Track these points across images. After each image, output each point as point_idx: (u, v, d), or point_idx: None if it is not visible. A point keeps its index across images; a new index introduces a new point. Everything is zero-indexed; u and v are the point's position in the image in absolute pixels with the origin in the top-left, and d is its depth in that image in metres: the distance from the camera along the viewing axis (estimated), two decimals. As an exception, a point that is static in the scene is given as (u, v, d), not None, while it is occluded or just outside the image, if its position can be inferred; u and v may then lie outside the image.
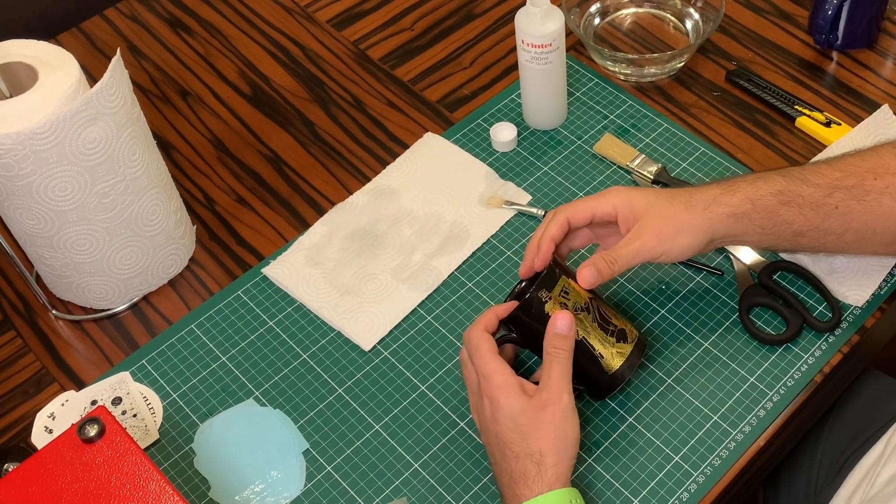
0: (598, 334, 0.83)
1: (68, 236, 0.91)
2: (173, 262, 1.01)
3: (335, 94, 1.18)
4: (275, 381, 0.93)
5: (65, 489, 0.71)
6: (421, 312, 0.97)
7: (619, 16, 1.21)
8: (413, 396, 0.91)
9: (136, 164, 0.91)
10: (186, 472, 0.88)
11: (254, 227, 1.06)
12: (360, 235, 1.03)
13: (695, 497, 0.83)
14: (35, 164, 0.84)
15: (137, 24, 1.28)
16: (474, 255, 1.01)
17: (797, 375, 0.89)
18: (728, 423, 0.87)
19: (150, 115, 1.14)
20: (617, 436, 0.87)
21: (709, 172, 1.05)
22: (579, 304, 0.83)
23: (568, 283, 0.84)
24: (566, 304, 0.83)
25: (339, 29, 1.25)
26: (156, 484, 0.72)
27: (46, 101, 0.84)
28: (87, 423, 0.73)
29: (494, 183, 1.06)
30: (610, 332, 0.84)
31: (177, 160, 1.13)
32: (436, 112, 1.14)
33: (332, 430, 0.90)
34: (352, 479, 0.87)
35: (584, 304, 0.84)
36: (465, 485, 0.86)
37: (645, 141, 1.08)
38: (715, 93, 1.12)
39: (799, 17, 1.19)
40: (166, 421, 0.92)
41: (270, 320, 0.98)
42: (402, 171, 1.08)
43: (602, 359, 0.83)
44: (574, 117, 1.11)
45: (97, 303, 0.99)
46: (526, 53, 1.03)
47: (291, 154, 1.12)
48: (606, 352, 0.83)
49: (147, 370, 0.95)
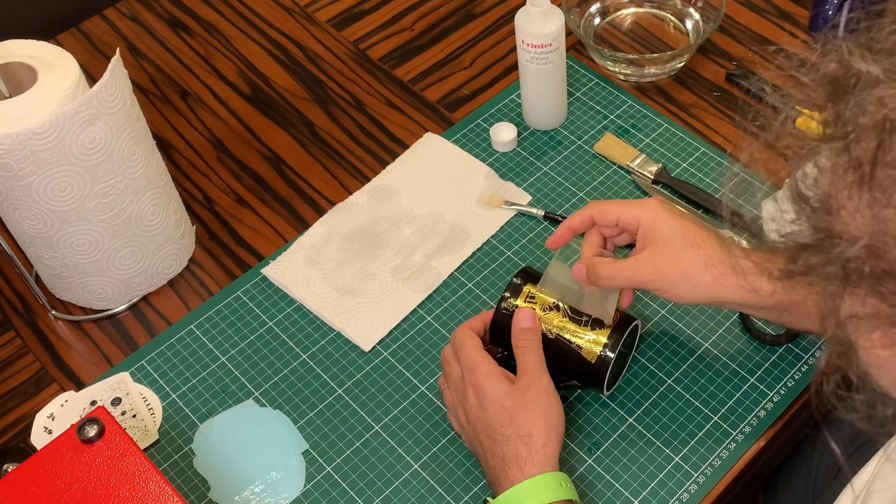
0: (572, 328, 0.85)
1: (68, 236, 0.91)
2: (173, 262, 1.01)
3: (335, 94, 1.17)
4: (274, 382, 0.93)
5: (64, 490, 0.71)
6: (421, 313, 0.97)
7: (619, 16, 1.21)
8: (413, 397, 0.91)
9: (136, 164, 0.91)
10: (186, 473, 0.88)
11: (253, 228, 1.06)
12: (359, 235, 1.03)
13: (695, 498, 0.83)
14: (34, 165, 0.84)
15: (137, 24, 1.28)
16: (474, 255, 1.01)
17: (797, 376, 0.89)
18: (728, 424, 0.87)
19: (149, 115, 1.14)
20: (617, 436, 0.87)
21: (709, 172, 1.04)
22: (547, 304, 0.86)
23: (532, 289, 0.87)
24: (533, 308, 0.86)
25: (338, 29, 1.25)
26: (155, 484, 0.72)
27: (46, 101, 0.84)
28: (86, 424, 0.73)
29: (494, 183, 1.06)
30: (584, 323, 0.85)
31: (176, 160, 1.13)
32: (436, 112, 1.14)
33: (332, 431, 0.90)
34: (351, 479, 0.87)
35: (553, 304, 0.86)
36: (465, 485, 0.85)
37: (645, 141, 1.08)
38: (715, 93, 1.12)
39: (799, 17, 1.19)
40: (166, 421, 0.92)
41: (270, 321, 0.97)
42: (402, 172, 1.08)
43: (581, 349, 0.85)
44: (574, 117, 1.11)
45: (97, 303, 0.99)
46: (526, 53, 1.03)
47: (291, 154, 1.12)
48: (583, 342, 0.84)
49: (147, 370, 0.95)
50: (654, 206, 0.82)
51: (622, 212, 0.83)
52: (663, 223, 0.81)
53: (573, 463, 0.86)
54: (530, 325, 0.84)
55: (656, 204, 0.82)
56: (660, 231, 0.81)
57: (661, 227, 0.81)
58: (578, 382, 0.87)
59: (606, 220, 0.84)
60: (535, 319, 0.85)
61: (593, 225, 0.86)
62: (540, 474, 0.77)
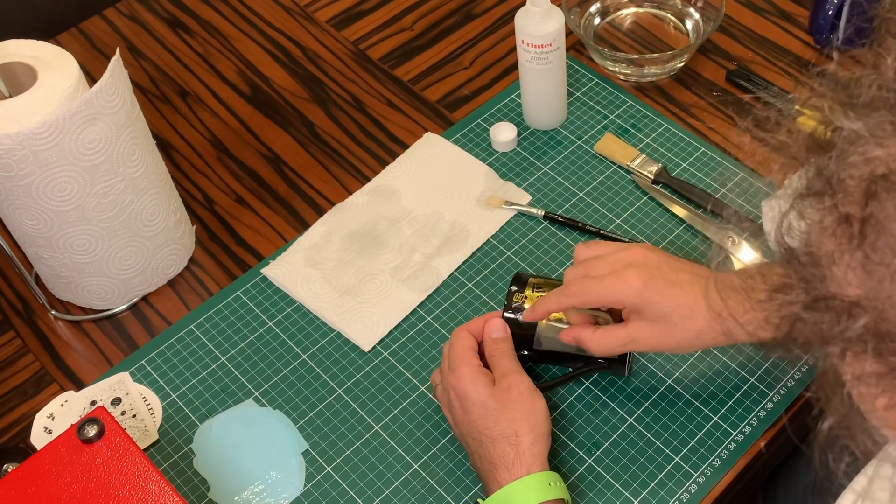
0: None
1: (68, 236, 0.91)
2: (173, 262, 1.01)
3: (335, 94, 1.17)
4: (274, 382, 0.93)
5: (64, 490, 0.71)
6: (421, 313, 0.97)
7: (619, 16, 1.21)
8: (413, 397, 0.91)
9: (136, 164, 0.91)
10: (186, 473, 0.88)
11: (253, 228, 1.06)
12: (359, 236, 1.03)
13: (695, 498, 0.83)
14: (34, 165, 0.84)
15: (137, 24, 1.28)
16: (474, 255, 1.01)
17: (797, 376, 0.89)
18: (728, 424, 0.87)
19: (149, 115, 1.14)
20: (617, 436, 0.87)
21: (709, 172, 1.04)
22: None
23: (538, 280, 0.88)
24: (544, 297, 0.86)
25: (338, 29, 1.25)
26: (155, 484, 0.72)
27: (46, 101, 0.84)
28: (86, 424, 0.73)
29: (494, 183, 1.06)
30: None
31: (176, 160, 1.13)
32: (436, 112, 1.14)
33: (332, 431, 0.90)
34: (351, 479, 0.87)
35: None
36: (464, 485, 0.85)
37: (645, 141, 1.08)
38: (715, 93, 1.12)
39: (799, 17, 1.19)
40: (166, 421, 0.92)
41: (270, 321, 0.97)
42: (402, 171, 1.08)
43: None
44: (574, 117, 1.11)
45: (96, 303, 0.99)
46: (526, 53, 1.03)
47: (291, 154, 1.12)
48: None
49: (146, 371, 0.95)
50: (636, 288, 0.78)
51: (605, 297, 0.80)
52: (650, 306, 0.78)
53: (573, 463, 0.86)
54: (502, 335, 0.85)
55: (637, 284, 0.78)
56: (647, 313, 0.79)
57: (648, 310, 0.78)
58: (603, 361, 0.87)
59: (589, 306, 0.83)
60: (506, 330, 0.86)
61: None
62: (528, 475, 0.77)
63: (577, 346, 0.83)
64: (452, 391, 0.82)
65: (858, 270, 0.44)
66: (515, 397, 0.80)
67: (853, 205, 0.43)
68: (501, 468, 0.78)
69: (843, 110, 0.45)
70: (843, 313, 0.44)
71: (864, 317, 0.43)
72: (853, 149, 0.44)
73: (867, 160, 0.43)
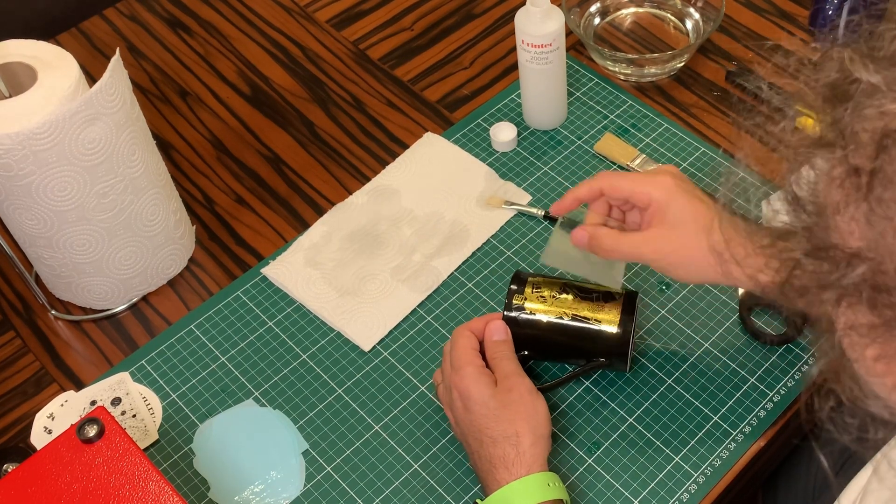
0: (585, 305, 0.86)
1: (68, 236, 0.91)
2: (173, 262, 1.01)
3: (335, 94, 1.17)
4: (274, 382, 0.93)
5: (64, 490, 0.71)
6: (421, 313, 0.97)
7: (619, 16, 1.21)
8: (413, 397, 0.91)
9: (136, 164, 0.91)
10: (186, 473, 0.88)
11: (253, 228, 1.06)
12: (359, 235, 1.03)
13: (695, 498, 0.83)
14: (34, 165, 0.84)
15: (137, 24, 1.28)
16: (474, 255, 1.01)
17: (797, 376, 0.89)
18: (728, 424, 0.87)
19: (149, 115, 1.14)
20: (617, 436, 0.87)
21: (709, 173, 1.04)
22: (556, 290, 0.87)
23: (536, 279, 0.88)
24: (543, 297, 0.87)
25: (338, 29, 1.25)
26: (155, 484, 0.72)
27: (46, 101, 0.84)
28: (86, 424, 0.73)
29: (494, 183, 1.06)
30: (595, 299, 0.86)
31: (176, 160, 1.13)
32: (436, 112, 1.14)
33: (332, 431, 0.90)
34: (351, 479, 0.87)
35: (561, 288, 0.87)
36: (465, 485, 0.85)
37: (645, 141, 1.08)
38: (715, 93, 1.12)
39: (799, 17, 1.19)
40: (165, 421, 0.92)
41: (270, 321, 0.97)
42: (402, 171, 1.08)
43: (600, 323, 0.86)
44: (574, 117, 1.11)
45: (96, 303, 0.99)
46: (526, 53, 1.03)
47: (291, 154, 1.12)
48: (601, 315, 0.86)
49: (146, 370, 0.95)
50: (668, 186, 0.80)
51: (634, 188, 0.81)
52: (676, 205, 0.79)
53: (573, 463, 0.86)
54: (503, 337, 0.86)
55: (669, 182, 0.80)
56: (671, 213, 0.79)
57: (672, 209, 0.79)
58: (604, 359, 0.87)
59: (616, 195, 0.82)
60: (507, 332, 0.86)
61: (601, 196, 0.84)
62: (528, 475, 0.77)
63: (587, 247, 0.82)
64: (455, 390, 0.82)
65: (862, 222, 0.44)
66: (517, 398, 0.81)
67: (863, 157, 0.44)
68: (501, 468, 0.78)
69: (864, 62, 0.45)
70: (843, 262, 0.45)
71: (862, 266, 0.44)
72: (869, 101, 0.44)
73: (882, 114, 0.43)
